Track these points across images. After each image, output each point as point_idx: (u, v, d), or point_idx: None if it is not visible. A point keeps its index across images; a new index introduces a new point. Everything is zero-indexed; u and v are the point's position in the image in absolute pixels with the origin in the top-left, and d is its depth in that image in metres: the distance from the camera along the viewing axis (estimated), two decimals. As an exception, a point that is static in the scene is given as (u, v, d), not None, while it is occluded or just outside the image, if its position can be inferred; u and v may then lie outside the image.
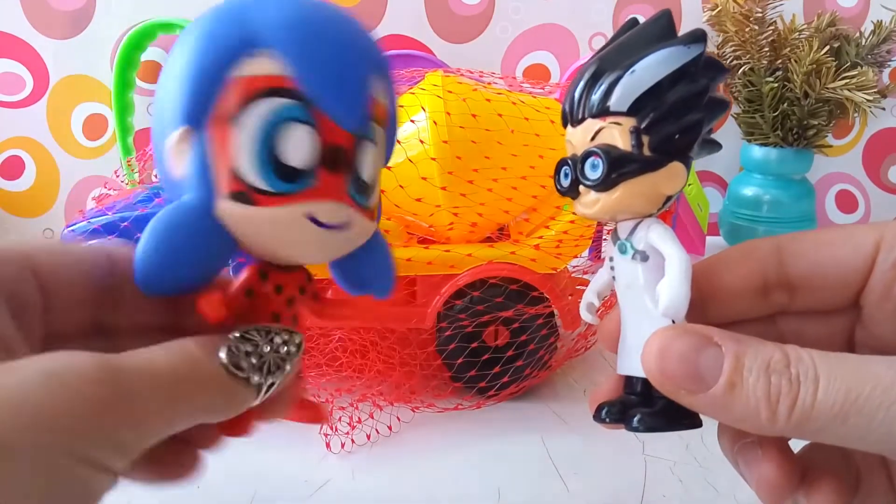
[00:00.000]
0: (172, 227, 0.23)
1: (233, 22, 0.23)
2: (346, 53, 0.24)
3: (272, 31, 0.22)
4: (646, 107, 0.22)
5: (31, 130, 0.72)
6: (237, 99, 0.22)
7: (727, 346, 0.21)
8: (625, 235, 0.24)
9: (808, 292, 0.26)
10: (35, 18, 0.69)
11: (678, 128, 0.22)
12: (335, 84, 0.23)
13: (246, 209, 0.23)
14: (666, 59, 0.22)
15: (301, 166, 0.23)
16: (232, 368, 0.22)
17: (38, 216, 0.75)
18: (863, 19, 0.72)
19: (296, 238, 0.24)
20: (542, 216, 0.43)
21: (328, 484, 0.33)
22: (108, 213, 0.39)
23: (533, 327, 0.40)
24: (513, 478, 0.34)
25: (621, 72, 0.22)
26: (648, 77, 0.22)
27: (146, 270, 0.23)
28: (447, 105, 0.39)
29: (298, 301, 0.26)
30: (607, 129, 0.23)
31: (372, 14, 0.71)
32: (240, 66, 0.22)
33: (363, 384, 0.40)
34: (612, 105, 0.22)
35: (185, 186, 0.23)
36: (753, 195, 0.68)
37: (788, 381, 0.20)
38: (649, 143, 0.22)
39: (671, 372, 0.21)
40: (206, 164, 0.23)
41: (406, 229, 0.41)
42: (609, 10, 0.72)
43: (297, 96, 0.22)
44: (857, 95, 0.59)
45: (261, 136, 0.22)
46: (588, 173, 0.23)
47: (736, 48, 0.65)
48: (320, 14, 0.24)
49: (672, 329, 0.22)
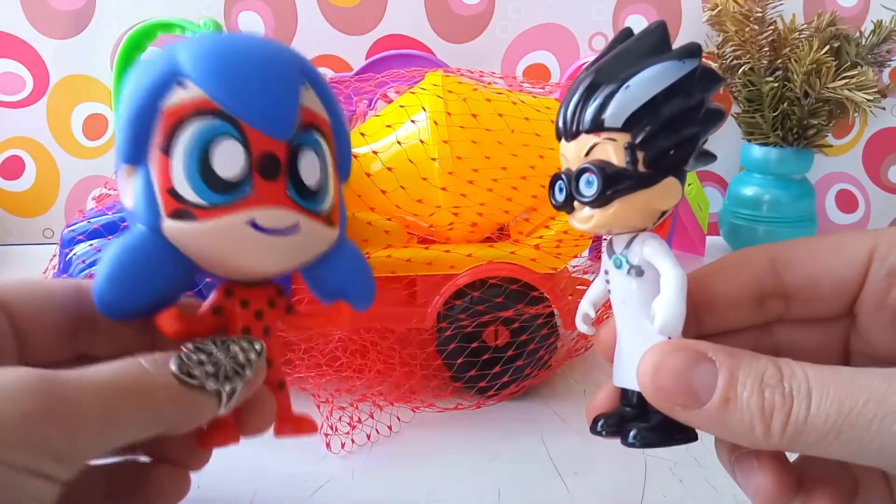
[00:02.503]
0: (123, 252, 0.24)
1: (160, 62, 0.24)
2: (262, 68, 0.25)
3: (192, 60, 0.24)
4: (640, 122, 0.22)
5: (31, 130, 0.72)
6: (168, 126, 0.24)
7: (721, 360, 0.21)
8: (620, 249, 0.24)
9: (803, 301, 0.26)
10: (35, 18, 0.69)
11: (673, 143, 0.22)
12: (251, 96, 0.24)
13: (189, 225, 0.24)
14: (660, 74, 0.22)
15: (233, 177, 0.24)
16: (183, 377, 0.22)
17: (38, 216, 0.75)
18: (863, 19, 0.72)
19: (241, 246, 0.25)
20: (542, 216, 0.43)
21: (328, 484, 0.33)
22: (108, 213, 0.39)
23: (533, 327, 0.40)
24: (513, 478, 0.34)
25: (615, 87, 0.22)
26: (643, 93, 0.22)
27: (104, 296, 0.24)
28: (447, 105, 0.40)
29: (269, 314, 0.27)
30: (602, 144, 0.22)
31: (372, 14, 0.71)
32: (168, 96, 0.24)
33: (363, 384, 0.40)
34: (607, 121, 0.22)
35: (135, 215, 0.24)
36: (753, 195, 0.68)
37: (782, 396, 0.20)
38: (644, 159, 0.22)
39: (666, 388, 0.21)
40: (150, 192, 0.24)
41: (406, 229, 0.41)
42: (609, 10, 0.72)
43: (221, 114, 0.24)
44: (857, 95, 0.59)
45: (191, 154, 0.24)
46: (583, 190, 0.23)
47: (736, 48, 0.65)
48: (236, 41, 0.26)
49: (666, 345, 0.22)
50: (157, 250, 0.24)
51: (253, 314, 0.26)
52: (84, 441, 0.20)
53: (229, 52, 0.25)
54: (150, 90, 0.24)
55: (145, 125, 0.24)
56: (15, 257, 0.71)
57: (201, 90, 0.24)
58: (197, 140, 0.24)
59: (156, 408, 0.22)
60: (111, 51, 0.71)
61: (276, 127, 0.24)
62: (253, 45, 0.26)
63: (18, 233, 0.75)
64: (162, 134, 0.24)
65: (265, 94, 0.24)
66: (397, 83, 0.48)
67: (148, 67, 0.25)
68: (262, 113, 0.24)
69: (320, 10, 0.71)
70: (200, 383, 0.23)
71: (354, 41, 0.72)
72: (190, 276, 0.25)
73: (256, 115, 0.24)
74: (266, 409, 0.26)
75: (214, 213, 0.24)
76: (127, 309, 0.24)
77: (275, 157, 0.24)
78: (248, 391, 0.24)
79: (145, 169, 0.24)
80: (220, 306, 0.26)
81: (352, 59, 0.72)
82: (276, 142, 0.24)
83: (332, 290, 0.29)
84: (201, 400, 0.23)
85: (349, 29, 0.72)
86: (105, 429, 0.20)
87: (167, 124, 0.24)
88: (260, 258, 0.25)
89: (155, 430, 0.22)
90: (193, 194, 0.24)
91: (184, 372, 0.22)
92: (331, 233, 0.27)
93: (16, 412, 0.18)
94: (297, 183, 0.25)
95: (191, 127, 0.24)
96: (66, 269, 0.39)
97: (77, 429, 0.19)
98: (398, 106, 0.41)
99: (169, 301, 0.25)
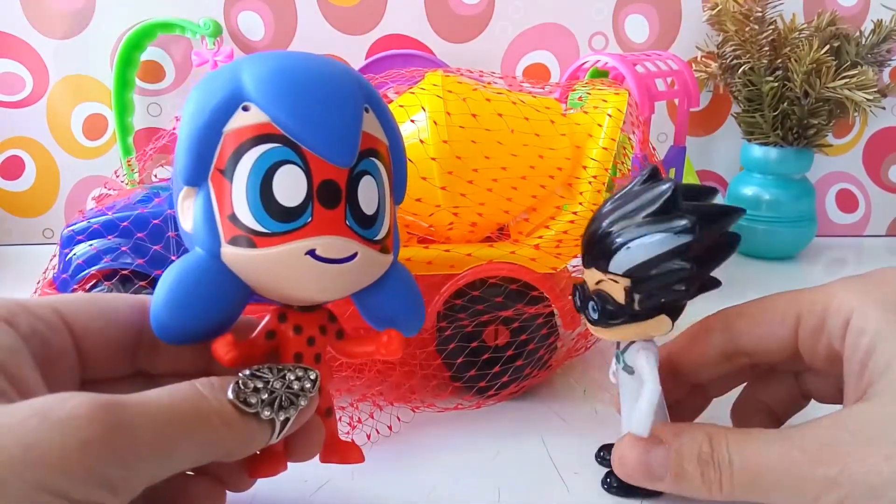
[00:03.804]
0: (181, 276, 0.24)
1: (223, 82, 0.24)
2: (327, 94, 0.25)
3: (255, 83, 0.24)
4: (638, 275, 0.27)
5: (31, 130, 0.72)
6: (230, 150, 0.23)
7: (670, 443, 0.28)
8: (621, 349, 0.30)
9: (760, 356, 0.32)
10: (35, 18, 0.69)
11: (664, 295, 0.27)
12: (316, 122, 0.24)
13: (248, 252, 0.24)
14: (658, 242, 0.26)
15: (293, 205, 0.24)
16: (240, 404, 0.22)
17: (38, 216, 0.75)
18: (863, 18, 0.72)
19: (298, 275, 0.24)
20: (542, 216, 0.43)
21: (328, 484, 0.33)
22: (108, 213, 0.39)
23: (533, 327, 0.40)
24: (513, 478, 0.34)
25: (620, 244, 0.27)
26: (641, 254, 0.27)
27: (161, 320, 0.24)
28: (447, 105, 0.39)
29: (320, 340, 0.27)
30: (607, 281, 0.28)
31: (372, 14, 0.71)
32: (231, 120, 0.24)
33: (363, 384, 0.40)
34: (611, 268, 0.27)
35: (193, 239, 0.24)
36: (753, 195, 0.68)
37: (714, 469, 0.27)
38: (639, 302, 0.27)
39: (631, 473, 0.29)
40: (210, 216, 0.24)
41: (406, 229, 0.41)
42: (609, 10, 0.72)
43: (284, 140, 0.23)
44: (857, 95, 0.59)
45: (252, 181, 0.23)
46: (589, 312, 0.29)
47: (736, 48, 0.65)
48: (301, 62, 0.25)
49: (627, 440, 0.29)
50: (216, 276, 0.24)
51: (306, 340, 0.26)
52: (141, 470, 0.19)
53: (294, 75, 0.24)
54: (213, 112, 0.24)
55: (207, 147, 0.24)
56: (15, 257, 0.71)
57: (265, 114, 0.23)
58: (260, 166, 0.23)
59: (212, 436, 0.21)
60: (111, 51, 0.70)
61: (340, 155, 0.24)
62: (317, 68, 0.25)
63: (18, 233, 0.75)
64: (224, 157, 0.23)
65: (330, 121, 0.24)
66: (397, 83, 0.48)
67: (211, 87, 0.24)
68: (326, 141, 0.24)
69: (320, 10, 0.71)
70: (256, 411, 0.22)
71: (354, 41, 0.72)
72: (245, 301, 0.25)
73: (321, 143, 0.24)
74: (315, 437, 0.26)
75: (274, 241, 0.23)
76: (183, 333, 0.24)
77: (336, 185, 0.24)
78: (301, 421, 0.24)
79: (206, 192, 0.24)
80: (274, 331, 0.26)
81: (352, 59, 0.72)
82: (337, 169, 0.24)
83: (384, 317, 0.28)
84: (256, 428, 0.23)
85: (349, 29, 0.72)
86: (161, 457, 0.20)
87: (230, 148, 0.23)
88: (317, 287, 0.25)
89: (209, 458, 0.22)
90: (254, 221, 0.23)
91: (241, 400, 0.22)
92: (386, 259, 0.27)
93: (75, 442, 0.18)
94: (356, 210, 0.25)
95: (253, 152, 0.23)
96: (66, 269, 0.39)
97: (134, 458, 0.19)
98: (398, 106, 0.41)
99: (225, 325, 0.25)
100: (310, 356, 0.26)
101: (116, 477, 0.19)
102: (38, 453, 0.17)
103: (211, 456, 0.22)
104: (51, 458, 0.17)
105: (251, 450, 0.23)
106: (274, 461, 0.25)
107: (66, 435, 0.18)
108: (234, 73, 0.24)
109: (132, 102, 0.71)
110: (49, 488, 0.17)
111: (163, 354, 0.26)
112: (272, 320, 0.26)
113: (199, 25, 0.68)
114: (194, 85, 0.25)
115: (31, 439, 0.17)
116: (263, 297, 0.25)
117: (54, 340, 0.23)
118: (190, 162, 0.24)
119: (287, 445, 0.25)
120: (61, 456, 0.17)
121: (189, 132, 0.24)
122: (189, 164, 0.24)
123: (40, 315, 0.23)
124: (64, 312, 0.24)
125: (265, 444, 0.23)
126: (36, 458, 0.17)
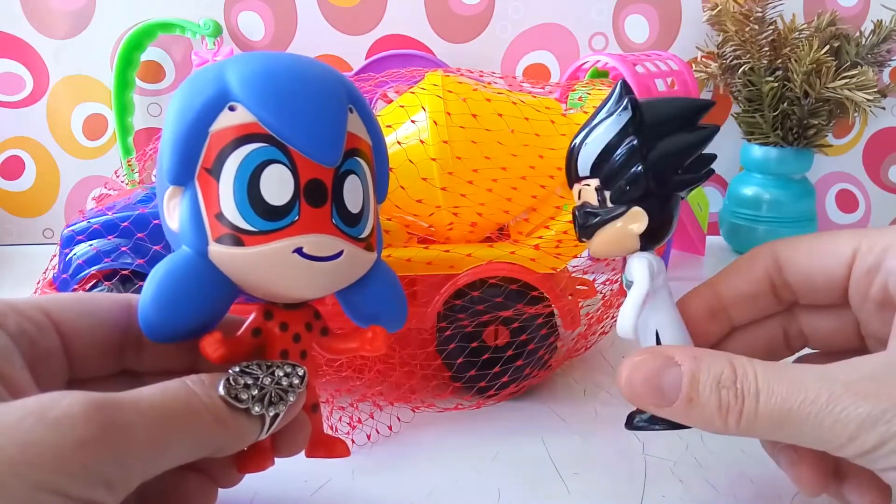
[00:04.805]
0: (168, 275, 0.24)
1: (208, 82, 0.24)
2: (313, 94, 0.25)
3: (242, 84, 0.24)
4: (601, 169, 0.27)
5: (31, 130, 0.72)
6: (217, 150, 0.24)
7: (685, 365, 0.25)
8: (622, 269, 0.30)
9: (805, 293, 0.30)
10: (35, 18, 0.69)
11: (625, 181, 0.27)
12: (303, 123, 0.24)
13: (235, 250, 0.24)
14: (605, 130, 0.27)
15: (280, 203, 0.24)
16: (231, 400, 0.23)
17: (38, 216, 0.75)
18: (863, 19, 0.72)
19: (285, 272, 0.25)
20: (542, 216, 0.43)
21: (328, 484, 0.33)
22: (108, 213, 0.39)
23: (533, 327, 0.40)
24: (513, 478, 0.34)
25: (579, 144, 0.28)
26: (596, 147, 0.27)
27: (148, 318, 0.24)
28: (447, 105, 0.39)
29: (306, 337, 0.27)
30: (583, 189, 0.28)
31: (372, 14, 0.71)
32: (218, 120, 0.24)
33: (363, 384, 0.40)
34: (580, 171, 0.28)
35: (180, 238, 0.24)
36: (753, 195, 0.68)
37: (735, 396, 0.24)
38: (610, 197, 0.27)
39: (638, 393, 0.26)
40: (197, 214, 0.24)
41: (406, 229, 0.41)
42: (609, 10, 0.72)
43: (271, 140, 0.24)
44: (857, 95, 0.59)
45: (240, 180, 0.24)
46: (577, 230, 0.29)
47: (736, 48, 0.65)
48: (286, 63, 0.26)
49: (638, 355, 0.26)
50: (203, 274, 0.24)
51: (291, 337, 0.27)
52: (135, 467, 0.20)
53: (280, 76, 0.24)
54: (199, 112, 0.24)
55: (194, 147, 0.24)
56: (15, 257, 0.71)
57: (252, 114, 0.24)
58: (247, 165, 0.23)
59: (204, 432, 0.22)
60: (111, 51, 0.70)
61: (326, 155, 0.24)
62: (302, 69, 0.25)
63: (18, 233, 0.75)
64: (211, 156, 0.24)
65: (316, 121, 0.24)
66: (397, 83, 0.48)
67: (196, 87, 0.24)
68: (313, 141, 0.24)
69: (320, 10, 0.71)
70: (247, 407, 0.23)
71: (354, 41, 0.72)
72: (232, 299, 0.25)
73: (308, 143, 0.24)
74: (301, 433, 0.26)
75: (262, 240, 0.24)
76: (171, 331, 0.24)
77: (322, 184, 0.25)
78: (290, 416, 0.24)
79: (192, 191, 0.24)
80: (260, 328, 0.26)
81: (352, 59, 0.72)
82: (323, 168, 0.25)
83: (367, 314, 0.29)
84: (247, 424, 0.23)
85: (349, 29, 0.72)
86: (155, 454, 0.20)
87: (217, 147, 0.24)
88: (304, 284, 0.25)
89: (201, 453, 0.22)
90: (242, 220, 0.24)
91: (231, 395, 0.22)
92: (370, 257, 0.27)
93: (72, 441, 0.18)
94: (342, 209, 0.25)
95: (240, 151, 0.23)
96: (66, 270, 0.39)
97: (129, 455, 0.19)
98: (398, 106, 0.41)
99: (211, 323, 0.25)
100: (296, 353, 0.27)
101: (113, 474, 0.19)
102: (35, 453, 0.17)
103: (203, 452, 0.22)
104: (49, 458, 0.17)
105: (242, 445, 0.23)
106: (262, 456, 0.25)
107: (62, 434, 0.18)
108: (218, 73, 0.24)
109: (132, 102, 0.71)
110: (48, 487, 0.17)
111: (148, 353, 0.26)
112: (258, 318, 0.26)
113: (199, 25, 0.68)
114: None
115: (29, 439, 0.17)
116: (250, 294, 0.25)
117: (42, 340, 0.23)
118: (176, 161, 0.24)
119: (274, 441, 0.25)
120: (59, 455, 0.18)
121: (175, 132, 0.24)
122: (175, 164, 0.24)
123: (28, 315, 0.23)
124: (51, 312, 0.24)
125: (255, 439, 0.24)
126: (34, 458, 0.17)
